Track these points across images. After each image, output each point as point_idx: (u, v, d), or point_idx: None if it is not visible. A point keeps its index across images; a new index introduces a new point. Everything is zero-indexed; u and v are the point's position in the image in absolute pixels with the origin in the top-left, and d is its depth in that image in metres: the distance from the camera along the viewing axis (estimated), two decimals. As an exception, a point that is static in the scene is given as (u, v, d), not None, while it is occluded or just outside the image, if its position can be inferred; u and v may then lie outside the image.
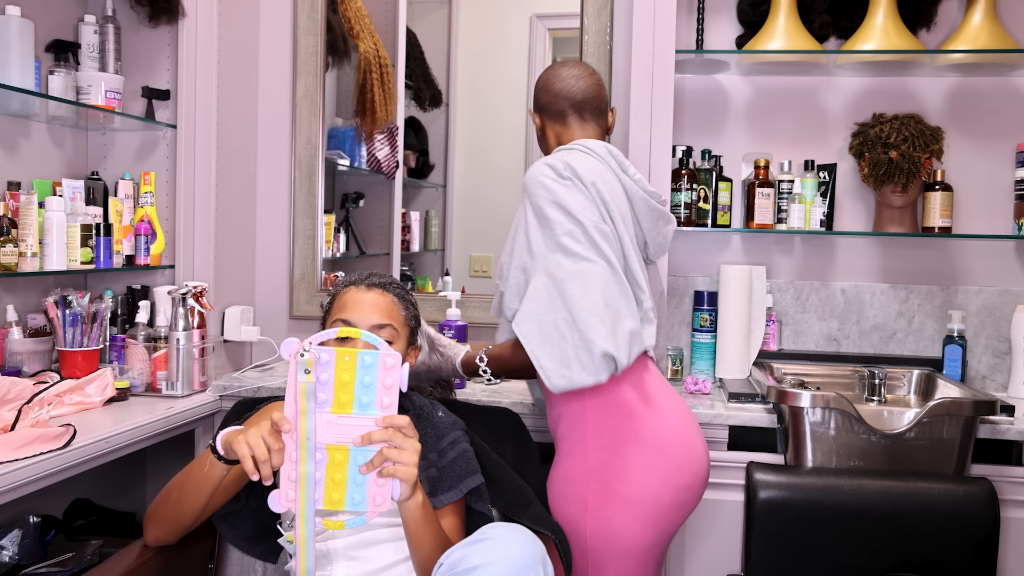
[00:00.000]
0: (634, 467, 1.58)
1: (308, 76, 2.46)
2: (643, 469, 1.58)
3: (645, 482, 1.58)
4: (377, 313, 1.49)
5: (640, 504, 1.57)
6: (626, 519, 1.57)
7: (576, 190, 1.57)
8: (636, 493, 1.57)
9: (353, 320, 1.48)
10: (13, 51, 1.85)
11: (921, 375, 2.21)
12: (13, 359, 1.94)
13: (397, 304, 1.52)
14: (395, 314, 1.51)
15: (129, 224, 2.17)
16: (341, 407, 1.23)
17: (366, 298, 1.50)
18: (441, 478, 1.49)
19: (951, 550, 1.76)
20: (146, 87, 2.21)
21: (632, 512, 1.57)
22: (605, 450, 1.59)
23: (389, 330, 1.49)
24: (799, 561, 1.80)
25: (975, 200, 2.32)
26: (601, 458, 1.59)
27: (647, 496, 1.58)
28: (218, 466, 1.33)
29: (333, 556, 1.47)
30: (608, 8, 2.31)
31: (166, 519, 1.44)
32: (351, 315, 1.48)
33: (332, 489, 1.23)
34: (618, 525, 1.57)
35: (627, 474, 1.58)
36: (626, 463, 1.58)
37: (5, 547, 1.83)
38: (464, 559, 1.29)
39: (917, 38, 2.25)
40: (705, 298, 2.31)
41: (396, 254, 2.59)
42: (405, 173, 2.61)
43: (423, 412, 1.57)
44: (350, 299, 1.50)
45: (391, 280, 1.56)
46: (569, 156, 1.63)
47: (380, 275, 1.56)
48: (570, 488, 1.61)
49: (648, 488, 1.58)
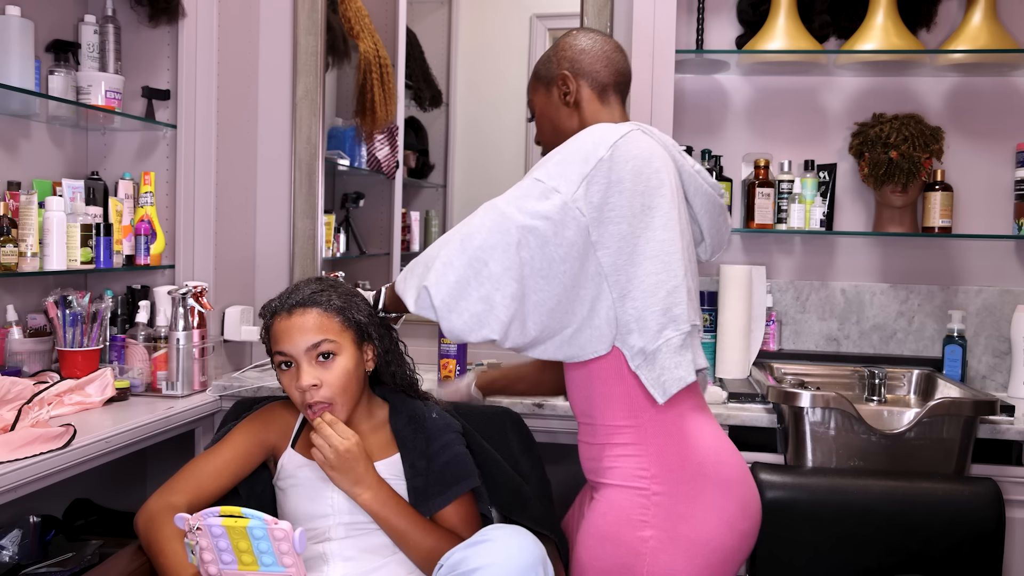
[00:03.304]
0: (701, 506, 1.37)
1: (308, 76, 2.45)
2: (711, 509, 1.38)
3: (713, 524, 1.37)
4: (308, 334, 1.45)
5: (707, 549, 1.37)
6: (691, 566, 1.36)
7: None
8: (704, 536, 1.37)
9: (287, 351, 1.45)
10: (13, 51, 1.85)
11: (921, 375, 2.21)
12: (13, 359, 1.94)
13: (325, 314, 1.46)
14: (327, 326, 1.46)
15: (129, 224, 2.17)
16: (247, 566, 1.29)
17: (292, 324, 1.45)
18: (428, 486, 1.49)
19: (956, 550, 1.76)
20: (146, 87, 2.21)
21: (698, 559, 1.36)
22: (670, 484, 1.38)
23: (326, 344, 1.45)
24: (805, 561, 1.80)
25: (975, 200, 2.32)
26: (666, 493, 1.38)
27: (714, 540, 1.37)
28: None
29: (329, 557, 1.47)
30: (608, 8, 2.31)
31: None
32: (284, 346, 1.46)
33: None
34: (681, 572, 1.36)
35: (694, 514, 1.37)
36: (692, 500, 1.37)
37: (5, 547, 1.83)
38: (464, 560, 1.29)
39: (917, 38, 2.25)
40: (705, 298, 2.31)
41: (396, 254, 2.59)
42: (405, 173, 2.61)
43: (416, 414, 1.56)
44: (278, 330, 1.47)
45: (313, 290, 1.49)
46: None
47: (301, 289, 1.49)
48: (624, 528, 1.38)
49: (716, 531, 1.38)
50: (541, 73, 1.55)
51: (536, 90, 1.56)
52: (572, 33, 1.55)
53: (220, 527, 1.27)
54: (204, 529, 1.27)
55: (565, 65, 1.51)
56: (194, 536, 1.29)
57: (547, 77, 1.54)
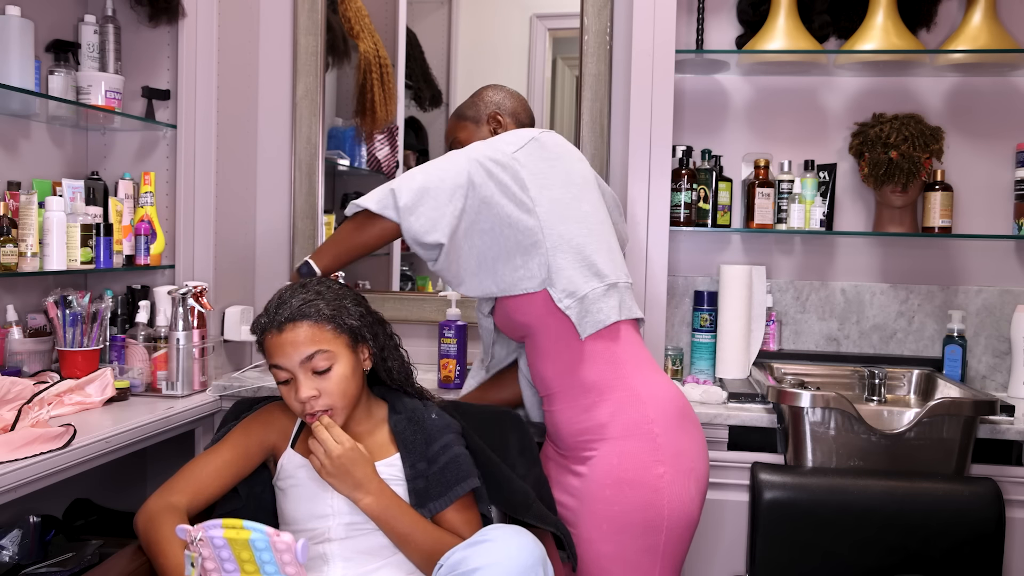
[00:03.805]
0: (690, 439, 1.61)
1: (308, 76, 2.45)
2: (695, 441, 1.62)
3: (699, 453, 1.62)
4: (300, 348, 1.44)
5: (700, 475, 1.61)
6: (693, 491, 1.58)
7: None
8: (698, 464, 1.60)
9: (283, 365, 1.45)
10: (13, 51, 1.85)
11: (921, 375, 2.21)
12: (13, 359, 1.94)
13: (316, 325, 1.45)
14: (319, 336, 1.45)
15: (129, 224, 2.17)
16: (250, 575, 1.30)
17: (284, 340, 1.44)
18: (429, 487, 1.49)
19: (956, 550, 1.76)
20: (146, 87, 2.21)
21: (697, 483, 1.60)
22: (668, 425, 1.58)
23: (320, 356, 1.44)
24: (804, 561, 1.80)
25: (975, 200, 2.32)
26: (666, 433, 1.57)
27: (703, 467, 1.62)
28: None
29: (330, 558, 1.47)
30: (608, 8, 2.31)
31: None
32: (279, 361, 1.46)
33: None
34: (689, 500, 1.57)
35: (689, 447, 1.60)
36: (684, 436, 1.60)
37: (5, 547, 1.83)
38: (464, 561, 1.29)
39: (917, 38, 2.25)
40: (705, 298, 2.31)
41: (396, 254, 2.59)
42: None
43: (415, 415, 1.56)
44: (271, 347, 1.47)
45: (301, 302, 1.46)
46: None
47: (288, 302, 1.47)
48: (641, 471, 1.55)
49: (702, 459, 1.62)
50: (468, 114, 1.88)
51: (463, 128, 1.88)
52: (492, 89, 1.91)
53: (222, 539, 1.27)
54: (206, 540, 1.28)
55: (491, 108, 1.86)
56: (196, 547, 1.29)
57: (475, 118, 1.87)
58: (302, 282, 1.53)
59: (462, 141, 1.84)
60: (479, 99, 1.89)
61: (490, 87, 1.92)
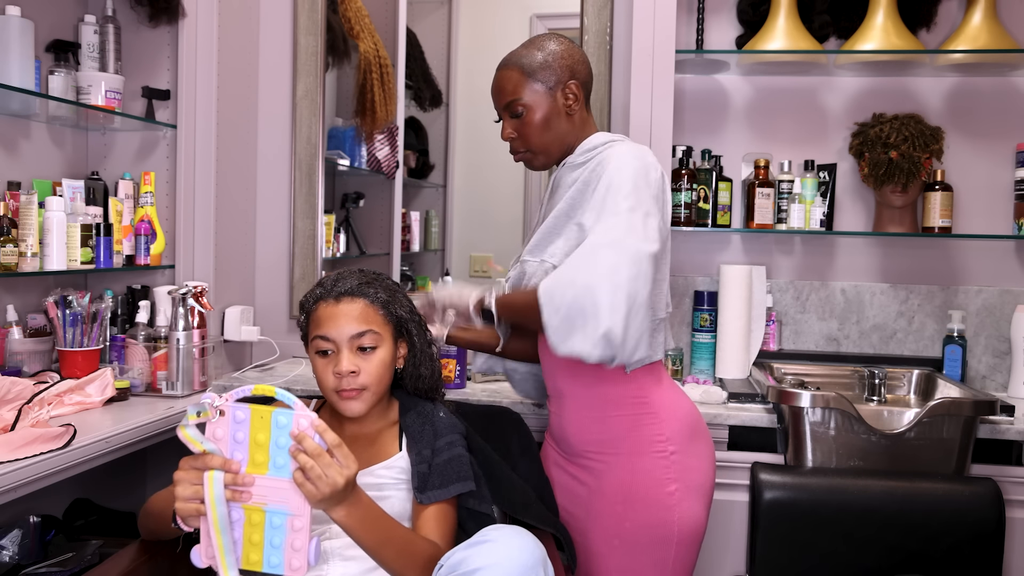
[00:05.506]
0: (699, 456, 1.60)
1: (308, 76, 2.45)
2: (705, 457, 1.61)
3: (708, 468, 1.61)
4: (353, 323, 1.45)
5: (708, 489, 1.61)
6: (701, 506, 1.58)
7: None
8: (706, 479, 1.60)
9: (330, 335, 1.45)
10: (13, 51, 1.85)
11: (921, 375, 2.21)
12: (13, 359, 1.94)
13: (371, 306, 1.48)
14: (371, 317, 1.47)
15: (129, 224, 2.17)
16: (256, 467, 1.22)
17: (338, 311, 1.46)
18: (431, 475, 1.49)
19: (956, 550, 1.76)
20: (146, 87, 2.21)
21: (705, 498, 1.59)
22: (682, 443, 1.57)
23: (370, 335, 1.46)
24: (804, 561, 1.81)
25: (975, 200, 2.32)
26: (679, 451, 1.57)
27: (710, 480, 1.61)
28: (183, 530, 1.32)
29: (329, 555, 1.46)
30: (608, 8, 2.31)
31: (148, 532, 1.48)
32: (327, 331, 1.46)
33: (250, 550, 1.23)
34: (698, 514, 1.57)
35: (698, 464, 1.59)
36: (695, 453, 1.59)
37: (5, 547, 1.83)
38: (464, 561, 1.29)
39: (917, 38, 2.25)
40: (705, 298, 2.31)
41: (396, 254, 2.59)
42: (405, 173, 2.61)
43: (424, 411, 1.57)
44: (322, 315, 1.47)
45: (360, 281, 1.50)
46: None
47: (347, 279, 1.50)
48: (653, 488, 1.55)
49: (710, 473, 1.62)
50: (540, 76, 1.59)
51: (532, 91, 1.60)
52: (564, 40, 1.63)
53: (246, 408, 1.21)
54: (227, 412, 1.21)
55: (569, 74, 1.60)
56: (214, 411, 1.21)
57: (549, 81, 1.60)
58: (360, 268, 1.56)
59: (527, 107, 1.59)
60: (554, 58, 1.59)
61: (553, 38, 1.61)
